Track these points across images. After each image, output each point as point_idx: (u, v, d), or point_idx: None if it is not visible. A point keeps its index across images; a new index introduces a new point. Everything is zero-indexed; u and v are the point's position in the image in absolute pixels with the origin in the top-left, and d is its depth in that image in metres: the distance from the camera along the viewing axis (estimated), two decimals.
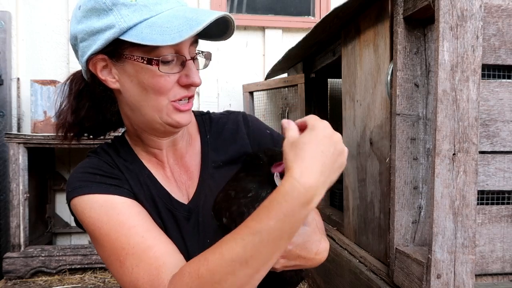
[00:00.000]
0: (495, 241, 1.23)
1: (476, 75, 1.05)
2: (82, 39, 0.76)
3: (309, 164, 0.62)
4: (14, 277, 2.55)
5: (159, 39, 0.69)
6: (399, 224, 1.27)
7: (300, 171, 0.61)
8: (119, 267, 0.73)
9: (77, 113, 0.87)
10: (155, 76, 0.74)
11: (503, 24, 1.21)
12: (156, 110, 0.78)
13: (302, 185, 0.60)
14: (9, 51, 3.05)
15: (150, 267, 0.71)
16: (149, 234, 0.74)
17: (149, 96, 0.76)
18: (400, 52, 1.26)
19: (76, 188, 0.79)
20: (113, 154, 0.87)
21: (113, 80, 0.79)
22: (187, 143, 0.93)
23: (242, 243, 0.63)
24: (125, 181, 0.83)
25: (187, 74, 0.77)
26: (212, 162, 0.92)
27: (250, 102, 3.08)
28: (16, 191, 2.55)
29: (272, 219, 0.61)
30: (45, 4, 3.14)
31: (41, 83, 2.69)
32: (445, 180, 1.04)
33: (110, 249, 0.74)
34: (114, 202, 0.77)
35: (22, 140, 2.55)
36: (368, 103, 1.58)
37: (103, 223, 0.75)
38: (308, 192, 0.61)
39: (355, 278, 1.58)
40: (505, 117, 1.22)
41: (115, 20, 0.71)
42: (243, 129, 0.96)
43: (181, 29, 0.69)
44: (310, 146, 0.63)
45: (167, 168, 0.89)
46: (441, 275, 1.05)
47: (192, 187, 0.89)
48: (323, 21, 1.76)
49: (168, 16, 0.72)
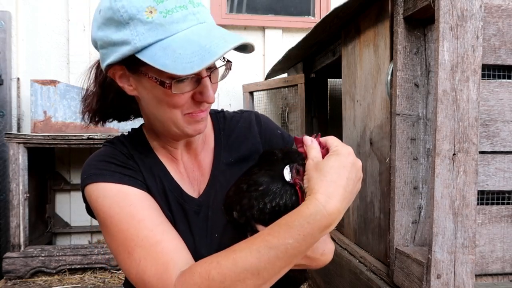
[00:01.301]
0: (495, 241, 1.23)
1: (476, 75, 1.05)
2: (101, 46, 0.76)
3: (334, 190, 0.66)
4: (14, 277, 2.55)
5: (171, 66, 0.68)
6: (399, 224, 1.27)
7: (326, 196, 0.65)
8: (127, 258, 0.74)
9: (102, 101, 0.89)
10: (168, 94, 0.74)
11: (503, 24, 1.21)
12: (172, 121, 0.79)
13: (326, 210, 0.64)
14: (9, 51, 3.05)
15: (157, 262, 0.72)
16: (158, 229, 0.75)
17: (164, 108, 0.77)
18: (400, 52, 1.25)
19: (91, 175, 0.80)
20: (129, 145, 0.88)
21: (131, 88, 0.80)
22: (202, 141, 0.94)
23: (257, 255, 0.65)
24: (139, 172, 0.84)
25: (201, 92, 0.77)
26: (225, 159, 0.93)
27: (250, 102, 3.08)
28: (16, 191, 2.55)
29: (291, 238, 0.64)
30: (45, 4, 3.14)
31: (41, 83, 2.69)
32: (445, 180, 1.04)
33: (120, 239, 0.75)
34: (127, 193, 0.78)
35: (22, 140, 2.55)
36: (368, 103, 1.57)
37: (115, 213, 0.76)
38: (331, 217, 0.65)
39: (355, 278, 1.58)
40: (505, 117, 1.22)
41: (131, 36, 0.70)
42: (255, 128, 0.98)
43: (192, 60, 0.67)
44: (336, 172, 0.67)
45: (180, 164, 0.91)
46: (441, 275, 1.05)
47: (204, 183, 0.91)
48: (323, 21, 1.76)
49: (183, 40, 0.70)
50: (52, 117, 2.69)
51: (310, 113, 2.72)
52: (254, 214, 0.76)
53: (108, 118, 0.95)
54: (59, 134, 2.57)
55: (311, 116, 2.74)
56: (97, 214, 0.80)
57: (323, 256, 0.81)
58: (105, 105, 0.90)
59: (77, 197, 3.20)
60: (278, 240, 0.65)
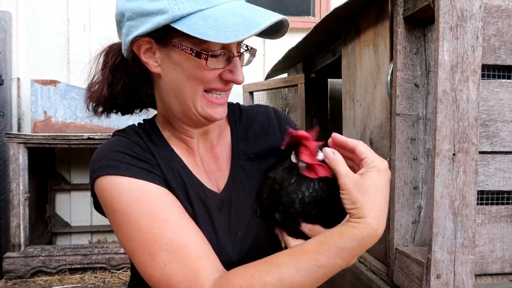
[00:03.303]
0: (495, 241, 1.23)
1: (476, 75, 1.05)
2: (129, 18, 0.73)
3: (382, 212, 0.66)
4: (14, 276, 2.55)
5: (213, 35, 0.65)
6: (399, 224, 1.27)
7: (377, 220, 0.65)
8: (148, 261, 0.69)
9: (112, 88, 0.84)
10: (201, 68, 0.72)
11: (503, 24, 1.21)
12: (192, 100, 0.76)
13: (377, 233, 0.65)
14: (9, 51, 3.05)
15: (186, 267, 0.68)
16: (183, 232, 0.71)
17: (189, 84, 0.74)
18: (400, 52, 1.26)
19: (103, 167, 0.74)
20: (144, 136, 0.83)
21: (155, 64, 0.76)
22: (218, 134, 0.91)
23: (305, 274, 0.65)
24: (156, 166, 0.78)
25: (232, 71, 0.75)
26: (243, 153, 0.89)
27: (250, 102, 3.08)
28: (16, 191, 2.55)
29: (340, 258, 0.65)
30: (45, 4, 3.14)
31: (41, 83, 2.69)
32: (445, 180, 1.04)
33: (140, 241, 0.70)
34: (145, 189, 0.73)
35: (22, 140, 2.55)
36: (368, 103, 1.58)
37: (133, 211, 0.71)
38: (379, 237, 0.66)
39: (355, 278, 1.58)
40: (505, 117, 1.22)
41: (169, 5, 0.68)
42: (275, 122, 0.94)
43: (237, 28, 0.66)
44: (380, 192, 0.66)
45: (197, 157, 0.86)
46: (441, 275, 1.05)
47: (222, 178, 0.86)
48: (323, 21, 1.76)
49: (225, 11, 0.69)
50: (52, 117, 2.69)
51: (310, 113, 2.72)
52: (297, 208, 0.73)
53: (114, 109, 0.90)
54: (59, 134, 2.57)
55: (311, 116, 2.74)
56: (111, 211, 0.74)
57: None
58: (116, 91, 0.84)
59: (77, 197, 3.20)
60: (328, 260, 0.65)
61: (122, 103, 0.89)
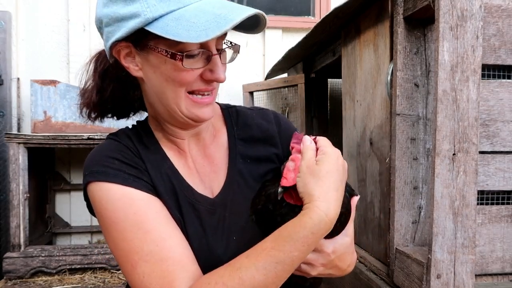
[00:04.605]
0: (495, 241, 1.23)
1: (476, 75, 1.05)
2: (106, 24, 0.74)
3: (332, 195, 0.66)
4: (14, 277, 2.55)
5: (185, 35, 0.66)
6: (399, 224, 1.27)
7: (327, 205, 0.65)
8: (130, 270, 0.71)
9: (102, 93, 0.85)
10: (178, 69, 0.72)
11: (503, 24, 1.21)
12: (175, 103, 0.75)
13: (328, 218, 0.65)
14: (9, 51, 3.05)
15: (163, 281, 0.69)
16: (166, 244, 0.71)
17: (170, 88, 0.74)
18: (400, 52, 1.26)
19: (93, 173, 0.75)
20: (135, 139, 0.83)
21: (136, 68, 0.77)
22: (211, 134, 0.89)
23: (264, 271, 0.65)
24: (144, 171, 0.79)
25: (212, 70, 0.74)
26: (240, 156, 0.88)
27: (250, 102, 3.08)
28: (16, 191, 2.55)
29: (296, 250, 0.65)
30: (45, 4, 3.14)
31: (41, 83, 2.69)
32: (445, 180, 1.04)
33: (123, 249, 0.72)
34: (132, 197, 0.74)
35: (22, 140, 2.55)
36: (368, 103, 1.58)
37: (119, 219, 0.72)
38: (331, 223, 0.66)
39: (355, 278, 1.58)
40: (505, 117, 1.22)
41: (141, 8, 0.68)
42: (274, 127, 0.93)
43: (208, 27, 0.66)
44: (331, 176, 0.67)
45: (189, 158, 0.85)
46: (441, 275, 1.05)
47: (218, 181, 0.86)
48: (323, 21, 1.76)
49: (196, 10, 0.69)
50: (52, 117, 2.69)
51: (310, 113, 2.72)
52: None
53: (107, 114, 0.90)
54: (59, 134, 2.57)
55: (311, 116, 2.74)
56: (99, 217, 0.76)
57: (349, 267, 0.80)
58: (105, 97, 0.85)
59: (77, 197, 3.20)
60: (284, 254, 0.64)
61: (113, 108, 0.89)
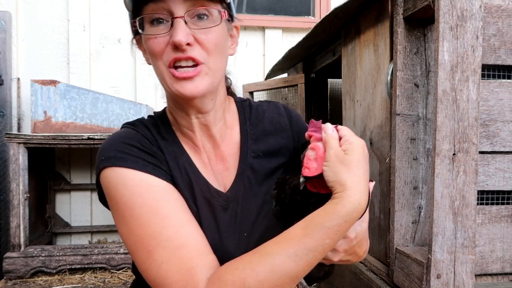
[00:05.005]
0: (495, 241, 1.23)
1: (476, 75, 1.05)
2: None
3: (363, 185, 0.66)
4: (14, 277, 2.55)
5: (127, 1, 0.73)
6: (399, 224, 1.27)
7: (359, 194, 0.65)
8: (146, 258, 0.68)
9: None
10: (146, 40, 0.74)
11: (503, 24, 1.21)
12: (162, 79, 0.75)
13: (361, 207, 0.65)
14: (9, 51, 3.05)
15: (182, 267, 0.67)
16: (183, 230, 0.70)
17: (154, 63, 0.76)
18: (400, 52, 1.26)
19: (110, 158, 0.73)
20: (153, 129, 0.82)
21: (146, 56, 0.81)
22: (223, 130, 0.87)
23: (296, 259, 0.63)
24: (163, 161, 0.78)
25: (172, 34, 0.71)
26: (252, 152, 0.87)
27: None
28: (16, 191, 2.55)
29: (328, 238, 0.64)
30: (45, 4, 3.14)
31: (41, 83, 2.69)
32: (445, 180, 1.04)
33: (139, 235, 0.69)
34: (150, 183, 0.72)
35: (22, 140, 2.55)
36: (368, 103, 1.58)
37: (136, 205, 0.70)
38: (363, 210, 0.65)
39: (355, 278, 1.58)
40: (505, 117, 1.22)
41: None
42: (286, 120, 0.92)
43: None
44: (361, 166, 0.67)
45: (203, 154, 0.84)
46: (441, 275, 1.05)
47: (229, 177, 0.85)
48: (323, 21, 1.76)
49: None
50: (52, 117, 2.69)
51: (310, 113, 2.72)
52: None
53: None
54: (59, 134, 2.57)
55: (311, 116, 2.74)
56: (114, 203, 0.72)
57: (364, 254, 0.81)
58: None
59: (78, 197, 3.20)
60: (316, 242, 0.63)
61: None
